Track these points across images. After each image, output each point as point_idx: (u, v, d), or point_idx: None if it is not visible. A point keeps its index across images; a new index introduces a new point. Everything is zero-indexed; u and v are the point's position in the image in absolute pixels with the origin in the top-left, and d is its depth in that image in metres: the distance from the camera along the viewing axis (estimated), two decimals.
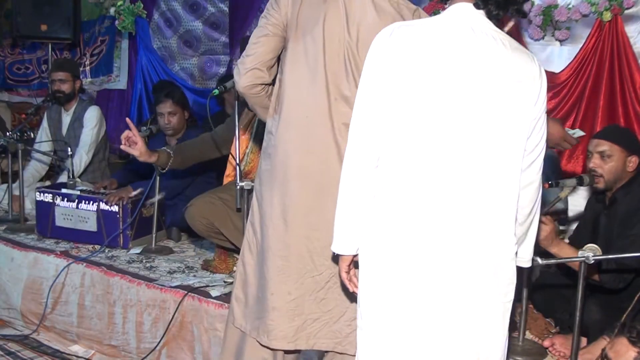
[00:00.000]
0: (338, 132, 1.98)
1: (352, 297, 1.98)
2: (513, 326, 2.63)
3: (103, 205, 3.49)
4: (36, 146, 4.28)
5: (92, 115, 4.28)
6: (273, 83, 2.13)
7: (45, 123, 4.40)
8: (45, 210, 3.63)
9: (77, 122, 4.29)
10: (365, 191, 1.64)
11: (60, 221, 3.60)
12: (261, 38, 2.05)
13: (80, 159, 4.17)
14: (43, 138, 4.37)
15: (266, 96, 2.13)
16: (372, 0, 1.97)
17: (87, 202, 3.53)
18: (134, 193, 3.50)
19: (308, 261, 2.03)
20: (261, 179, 2.12)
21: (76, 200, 3.54)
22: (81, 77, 5.57)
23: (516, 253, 1.66)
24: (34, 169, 4.48)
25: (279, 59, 2.11)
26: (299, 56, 2.02)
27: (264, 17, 2.08)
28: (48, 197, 3.61)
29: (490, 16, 1.59)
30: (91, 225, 3.52)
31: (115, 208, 3.48)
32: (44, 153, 4.30)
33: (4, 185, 4.17)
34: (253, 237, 2.15)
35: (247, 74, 2.06)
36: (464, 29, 1.57)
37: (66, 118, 4.32)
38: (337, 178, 1.90)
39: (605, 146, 2.54)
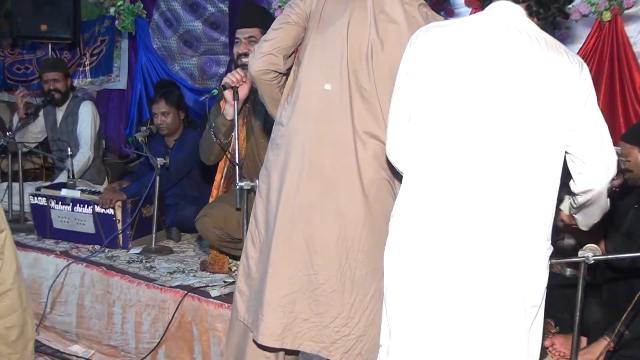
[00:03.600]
0: (356, 130, 1.95)
1: (345, 304, 1.97)
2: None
3: (98, 209, 3.46)
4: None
5: (87, 111, 4.26)
6: (287, 75, 2.11)
7: (43, 124, 4.36)
8: (41, 213, 3.61)
9: (70, 117, 4.27)
10: None
11: (57, 223, 3.59)
12: (283, 25, 2.05)
13: (83, 155, 4.14)
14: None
15: (278, 86, 2.11)
16: (403, 6, 1.96)
17: (82, 205, 3.50)
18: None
19: (306, 258, 1.99)
20: (268, 169, 2.10)
21: (70, 204, 3.51)
22: (81, 77, 5.58)
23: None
24: None
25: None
26: (319, 49, 2.00)
27: (289, 7, 2.08)
28: (42, 201, 3.58)
29: (530, 13, 1.57)
30: (89, 227, 3.51)
31: (111, 211, 3.45)
32: (43, 153, 4.28)
33: (4, 184, 4.16)
34: (256, 229, 2.12)
35: (262, 58, 2.04)
36: (497, 27, 1.54)
37: (59, 114, 4.31)
38: (345, 177, 1.87)
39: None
